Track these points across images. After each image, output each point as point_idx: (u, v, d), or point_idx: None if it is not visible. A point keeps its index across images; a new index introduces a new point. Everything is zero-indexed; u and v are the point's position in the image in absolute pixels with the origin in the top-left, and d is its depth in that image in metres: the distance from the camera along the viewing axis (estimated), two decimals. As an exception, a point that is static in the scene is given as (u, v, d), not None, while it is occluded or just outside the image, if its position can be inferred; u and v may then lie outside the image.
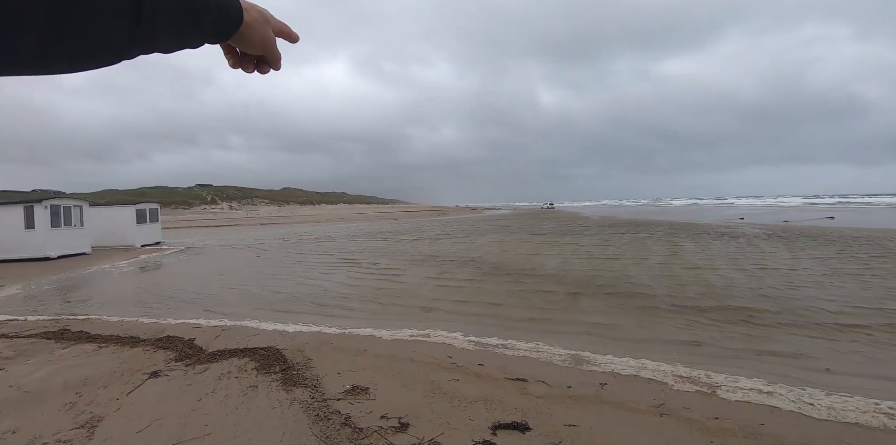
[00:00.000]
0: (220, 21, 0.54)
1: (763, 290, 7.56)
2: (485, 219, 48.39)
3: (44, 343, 5.49)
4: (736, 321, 5.84)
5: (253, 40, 0.60)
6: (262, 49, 0.63)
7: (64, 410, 3.51)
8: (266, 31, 0.61)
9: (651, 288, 8.02)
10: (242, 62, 0.65)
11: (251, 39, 0.60)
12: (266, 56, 0.65)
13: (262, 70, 0.67)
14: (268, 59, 0.65)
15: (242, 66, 0.65)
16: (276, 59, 0.66)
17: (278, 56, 0.65)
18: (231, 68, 0.66)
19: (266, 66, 0.66)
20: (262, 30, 0.60)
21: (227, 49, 0.63)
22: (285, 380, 3.82)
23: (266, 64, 0.66)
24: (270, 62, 0.66)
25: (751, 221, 29.64)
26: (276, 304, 7.62)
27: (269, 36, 0.62)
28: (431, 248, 16.63)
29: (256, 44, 0.61)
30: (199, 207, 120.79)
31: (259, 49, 0.62)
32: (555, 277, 9.46)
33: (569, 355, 4.54)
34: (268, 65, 0.66)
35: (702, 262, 10.89)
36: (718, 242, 15.39)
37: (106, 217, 20.82)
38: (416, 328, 5.62)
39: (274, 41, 0.63)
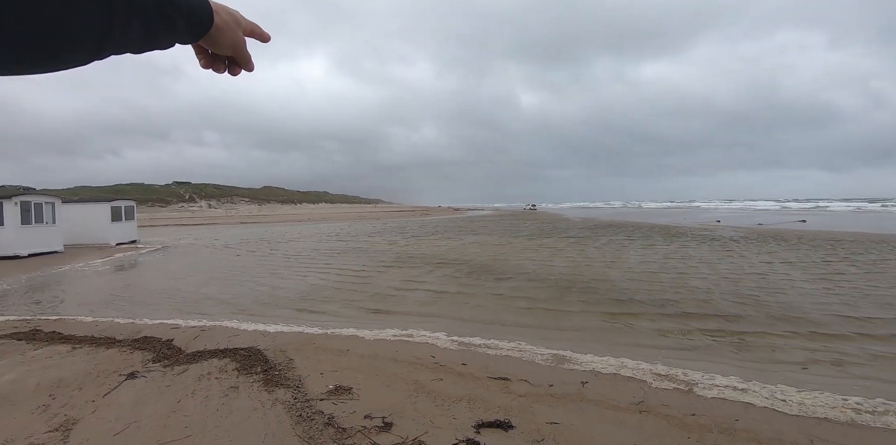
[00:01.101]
0: (190, 23, 0.55)
1: (740, 291, 7.76)
2: (468, 219, 48.52)
3: (14, 344, 5.32)
4: (714, 321, 5.99)
5: (223, 42, 0.61)
6: (232, 51, 0.63)
7: (37, 413, 3.41)
8: (236, 34, 0.62)
9: (632, 290, 8.16)
10: (214, 63, 0.65)
11: (221, 41, 0.61)
12: (236, 57, 0.65)
13: (233, 71, 0.68)
14: (238, 60, 0.66)
15: (213, 67, 0.66)
16: (247, 61, 0.66)
17: (248, 57, 0.66)
18: (202, 68, 0.66)
19: (237, 68, 0.67)
20: (231, 32, 0.61)
21: (198, 49, 0.64)
22: (267, 381, 3.78)
23: (237, 65, 0.67)
24: (241, 63, 0.67)
25: (727, 224, 30.37)
26: (256, 304, 7.53)
27: (239, 38, 0.63)
28: (414, 249, 16.62)
29: (226, 46, 0.62)
30: (177, 205, 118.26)
31: (229, 50, 0.63)
32: (538, 278, 9.55)
33: (551, 354, 4.59)
34: (239, 66, 0.67)
35: (681, 264, 11.13)
36: (696, 244, 15.75)
37: (79, 214, 20.23)
38: (398, 328, 5.62)
39: (244, 43, 0.64)
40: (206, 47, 0.62)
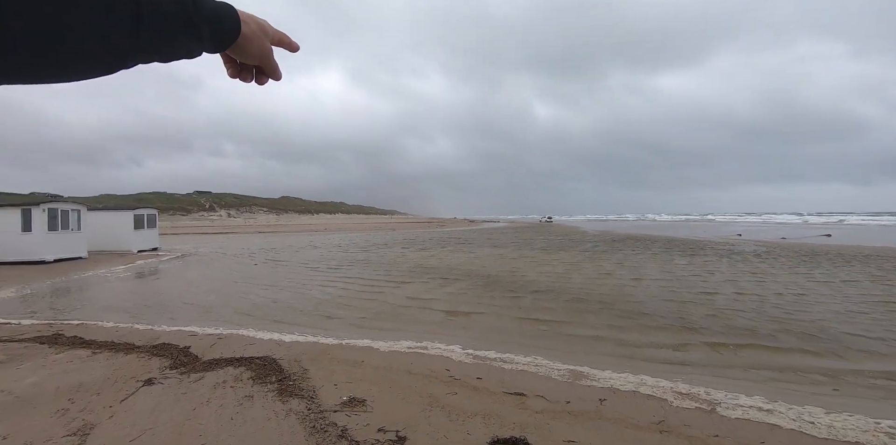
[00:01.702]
0: (218, 32, 0.55)
1: (766, 309, 7.55)
2: (483, 231, 48.39)
3: (37, 347, 5.43)
4: (738, 338, 5.82)
5: (250, 51, 0.61)
6: (259, 60, 0.63)
7: (56, 416, 3.45)
8: (263, 43, 0.62)
9: (652, 305, 8.00)
10: (241, 72, 0.65)
11: (249, 51, 0.61)
12: (263, 67, 0.65)
13: (260, 81, 0.68)
14: (265, 70, 0.66)
15: (241, 77, 0.66)
16: (274, 70, 0.66)
17: (276, 67, 0.66)
18: (230, 77, 0.66)
19: (264, 77, 0.67)
20: (259, 42, 0.61)
21: (226, 59, 0.64)
22: (281, 391, 3.78)
23: (264, 74, 0.67)
24: (268, 73, 0.67)
25: (749, 238, 29.73)
26: (272, 313, 7.57)
27: (266, 47, 0.63)
28: (430, 261, 16.61)
29: (254, 55, 0.62)
30: (198, 214, 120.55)
31: (256, 60, 0.63)
32: (554, 292, 9.44)
33: (567, 370, 4.51)
34: (266, 75, 0.67)
35: (703, 280, 10.90)
36: (717, 259, 15.42)
37: (103, 221, 20.75)
38: (413, 340, 5.58)
39: (271, 53, 0.64)
40: (233, 57, 0.62)
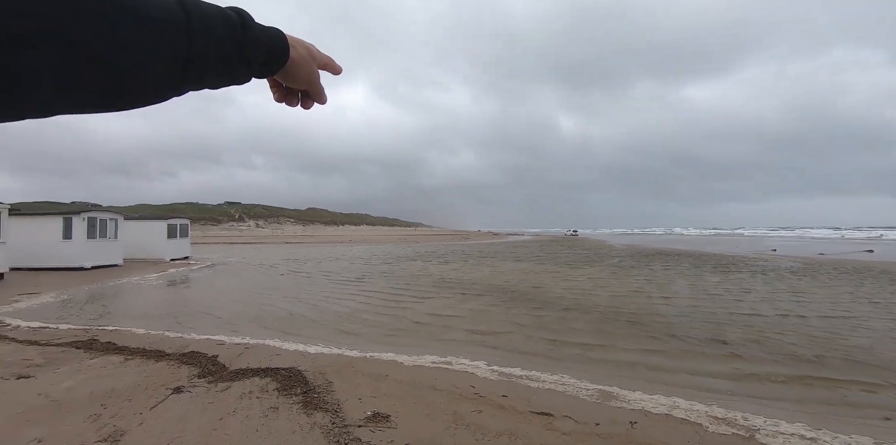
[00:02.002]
0: (267, 57, 0.55)
1: (808, 331, 7.21)
2: (508, 245, 48.09)
3: (73, 352, 5.60)
4: (778, 361, 5.56)
5: (298, 76, 0.61)
6: (306, 85, 0.63)
7: (89, 421, 3.53)
8: (311, 67, 0.62)
9: (684, 324, 7.75)
10: (287, 96, 0.65)
11: (297, 75, 0.60)
12: (310, 91, 0.65)
13: (305, 105, 0.67)
14: (311, 94, 0.66)
15: (287, 101, 0.65)
16: (320, 94, 0.66)
17: (321, 91, 0.66)
18: (276, 102, 0.66)
19: (310, 101, 0.67)
20: (307, 66, 0.61)
21: (272, 83, 0.64)
22: (306, 403, 3.77)
23: (310, 99, 0.66)
24: (314, 97, 0.66)
25: (784, 253, 28.66)
26: (297, 324, 7.64)
27: (313, 72, 0.62)
28: (454, 274, 16.56)
29: (301, 80, 0.62)
30: (228, 224, 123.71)
31: (304, 85, 0.63)
32: (581, 309, 9.25)
33: (596, 390, 4.37)
34: (311, 99, 0.67)
35: (738, 298, 10.51)
36: (751, 276, 14.87)
37: (138, 230, 21.49)
38: (437, 354, 5.53)
39: (318, 77, 0.64)
40: (280, 81, 0.62)
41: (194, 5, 0.45)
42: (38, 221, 16.97)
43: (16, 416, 3.62)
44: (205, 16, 0.45)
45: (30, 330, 6.97)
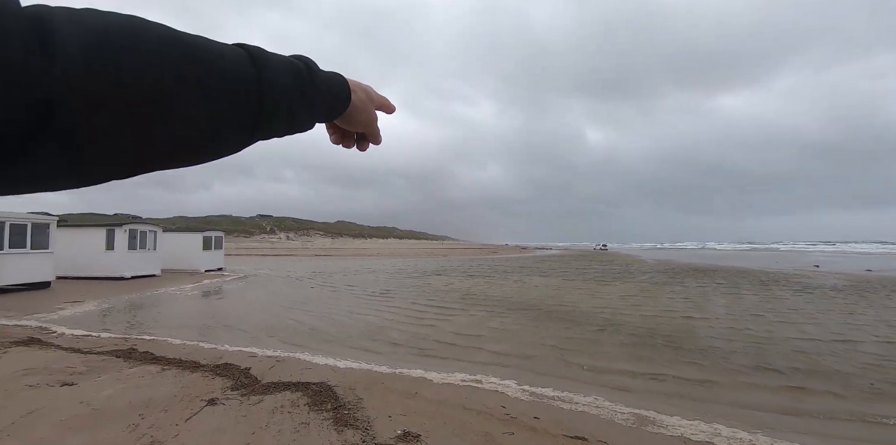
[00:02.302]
0: (330, 106, 0.56)
1: (860, 358, 6.79)
2: (536, 259, 47.55)
3: (113, 361, 5.78)
4: (828, 389, 5.26)
5: (358, 120, 0.61)
6: (364, 127, 0.64)
7: (127, 431, 3.61)
8: (370, 111, 0.62)
9: (722, 346, 7.43)
10: (344, 138, 0.66)
11: (356, 119, 0.61)
12: (367, 133, 0.65)
13: (361, 146, 0.67)
14: (368, 136, 0.66)
15: (344, 143, 0.66)
16: (377, 135, 0.66)
17: (378, 132, 0.66)
18: (332, 144, 0.66)
19: (366, 142, 0.67)
20: (366, 110, 0.61)
21: (329, 125, 0.64)
22: (337, 420, 3.77)
23: (366, 140, 0.67)
24: (371, 138, 0.66)
25: (827, 269, 27.31)
26: (326, 337, 7.70)
27: (372, 115, 0.63)
28: (482, 289, 16.44)
29: (360, 123, 0.62)
30: (260, 236, 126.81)
31: (362, 127, 0.64)
32: (614, 327, 9.01)
33: (632, 413, 4.22)
34: (368, 141, 0.67)
35: (779, 318, 10.05)
36: (793, 294, 14.20)
37: (176, 242, 22.23)
38: (467, 372, 5.46)
39: (376, 120, 0.64)
40: (338, 124, 0.63)
41: (264, 60, 0.45)
42: (83, 232, 17.78)
43: (60, 423, 3.74)
44: (275, 72, 0.46)
45: (73, 338, 7.25)
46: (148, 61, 0.35)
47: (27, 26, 0.29)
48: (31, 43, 0.29)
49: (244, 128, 0.45)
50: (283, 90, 0.47)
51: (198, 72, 0.38)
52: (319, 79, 0.52)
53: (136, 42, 0.34)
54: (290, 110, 0.49)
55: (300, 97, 0.49)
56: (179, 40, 0.38)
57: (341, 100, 0.57)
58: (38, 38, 0.30)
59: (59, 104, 0.30)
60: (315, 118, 0.55)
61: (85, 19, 0.33)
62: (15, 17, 0.29)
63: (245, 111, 0.43)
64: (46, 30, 0.30)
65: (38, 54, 0.29)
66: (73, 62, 0.30)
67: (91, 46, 0.32)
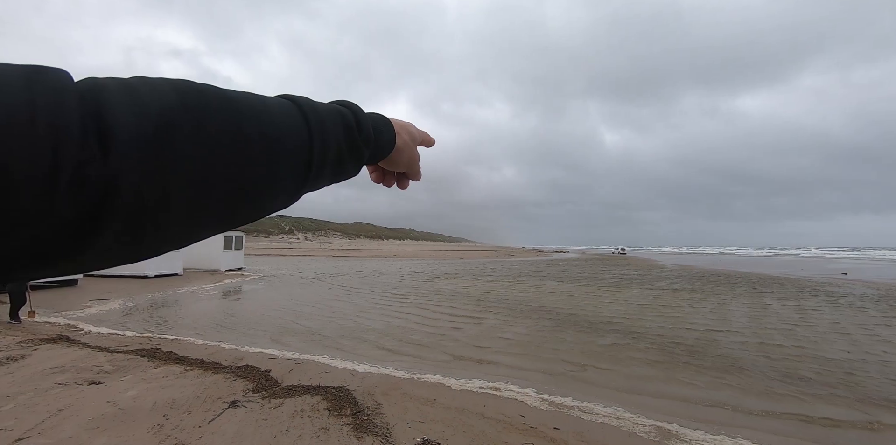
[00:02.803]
0: (377, 153, 0.55)
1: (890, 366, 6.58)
2: (553, 262, 47.16)
3: (138, 360, 5.90)
4: (856, 405, 5.09)
5: (400, 161, 0.61)
6: (406, 168, 0.63)
7: (152, 432, 3.68)
8: (412, 152, 0.62)
9: (747, 357, 7.25)
10: (385, 177, 0.65)
11: (399, 161, 0.61)
12: (408, 173, 0.65)
13: (402, 185, 0.67)
14: (409, 174, 0.66)
15: (385, 182, 0.66)
16: (417, 174, 0.66)
17: (419, 170, 0.65)
18: (374, 182, 0.66)
19: (406, 181, 0.67)
20: (409, 151, 0.61)
21: (372, 166, 0.64)
22: (356, 426, 3.78)
23: (406, 177, 0.66)
24: (412, 176, 0.66)
25: (856, 277, 26.45)
26: (344, 340, 7.74)
27: (415, 156, 0.63)
28: (500, 293, 16.37)
29: (402, 164, 0.62)
30: (278, 236, 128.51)
31: (405, 167, 0.63)
32: (634, 335, 8.87)
33: (653, 426, 4.15)
34: (408, 178, 0.66)
35: (807, 330, 9.77)
36: (821, 304, 13.79)
37: (198, 242, 22.63)
38: (485, 379, 5.43)
39: (417, 159, 0.64)
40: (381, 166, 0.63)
41: (312, 111, 0.45)
42: (111, 232, 18.25)
43: (87, 422, 3.83)
44: (323, 124, 0.46)
45: (100, 336, 7.44)
46: (199, 125, 0.34)
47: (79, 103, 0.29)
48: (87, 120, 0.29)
49: (296, 183, 0.44)
50: (330, 142, 0.46)
51: (248, 129, 0.38)
52: (366, 126, 0.51)
53: (187, 108, 0.34)
54: (338, 161, 0.48)
55: (348, 147, 0.49)
56: (227, 99, 0.38)
57: (387, 145, 0.56)
58: (93, 117, 0.29)
59: (116, 188, 0.30)
60: (361, 165, 0.54)
61: (136, 93, 0.32)
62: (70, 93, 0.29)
63: (295, 165, 0.43)
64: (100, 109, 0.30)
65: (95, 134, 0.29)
66: (128, 139, 0.30)
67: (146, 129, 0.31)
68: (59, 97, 0.28)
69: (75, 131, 0.28)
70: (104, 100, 0.30)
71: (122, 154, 0.30)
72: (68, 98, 0.29)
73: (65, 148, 0.27)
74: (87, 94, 0.30)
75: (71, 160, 0.28)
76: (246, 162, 0.38)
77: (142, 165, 0.31)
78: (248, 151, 0.38)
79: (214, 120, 0.36)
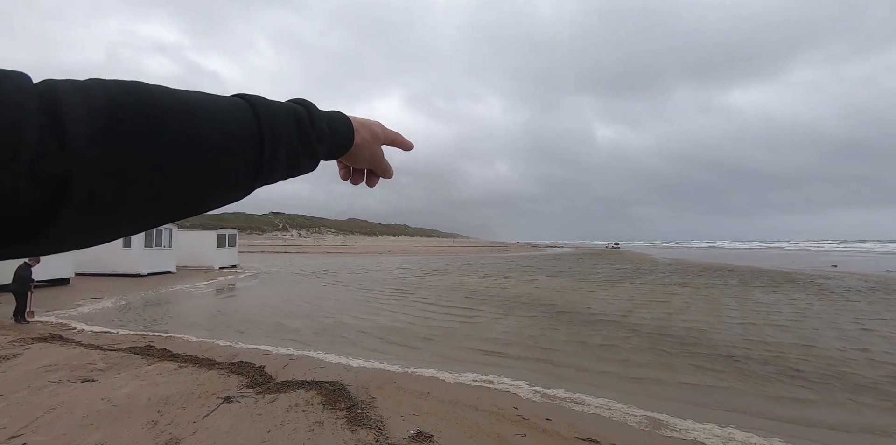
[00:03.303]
0: (333, 149, 0.57)
1: (882, 360, 6.69)
2: (547, 257, 47.36)
3: (132, 358, 5.90)
4: (846, 395, 5.19)
5: (360, 158, 0.62)
6: (368, 164, 0.65)
7: (146, 428, 3.70)
8: (373, 149, 0.63)
9: (738, 347, 7.36)
10: (354, 174, 0.67)
11: (358, 157, 0.62)
12: (374, 169, 0.66)
13: (370, 182, 0.68)
14: (376, 171, 0.67)
15: (353, 179, 0.67)
16: (384, 170, 0.67)
17: (386, 167, 0.67)
18: (341, 179, 0.67)
19: (374, 178, 0.68)
20: (369, 148, 0.62)
21: (337, 161, 0.65)
22: (350, 419, 3.82)
23: (375, 175, 0.68)
24: (379, 173, 0.67)
25: (846, 270, 26.80)
26: (338, 336, 7.77)
27: (375, 153, 0.63)
28: (494, 288, 16.44)
29: (363, 161, 0.63)
30: (272, 233, 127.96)
31: (366, 165, 0.65)
32: (625, 328, 8.96)
33: (644, 416, 4.21)
34: (376, 176, 0.68)
35: (795, 321, 9.91)
36: (810, 296, 13.98)
37: (191, 239, 22.54)
38: (479, 373, 5.48)
39: (381, 156, 0.65)
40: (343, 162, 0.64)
41: (264, 109, 0.47)
42: (102, 230, 18.08)
43: (81, 420, 3.84)
44: (275, 121, 0.47)
45: (93, 334, 7.42)
46: (152, 128, 0.37)
47: (39, 104, 0.32)
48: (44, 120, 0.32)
49: (247, 177, 0.46)
50: (283, 139, 0.48)
51: (201, 129, 0.40)
52: (320, 123, 0.53)
53: (139, 111, 0.37)
54: (291, 157, 0.50)
55: (301, 144, 0.50)
56: (179, 100, 0.40)
57: (344, 142, 0.58)
58: (50, 117, 0.32)
59: (74, 177, 0.33)
60: (317, 162, 0.55)
61: (90, 93, 0.35)
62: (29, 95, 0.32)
63: (247, 162, 0.45)
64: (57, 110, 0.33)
65: (52, 133, 0.32)
66: (83, 137, 0.33)
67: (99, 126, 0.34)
68: (19, 97, 0.31)
69: (34, 128, 0.31)
70: (60, 101, 0.33)
71: (76, 149, 0.33)
72: (27, 99, 0.32)
73: (24, 143, 0.30)
74: (45, 95, 0.33)
75: (29, 154, 0.31)
76: (197, 159, 0.40)
77: (94, 160, 0.34)
78: (199, 149, 0.40)
79: (165, 118, 0.38)
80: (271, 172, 0.49)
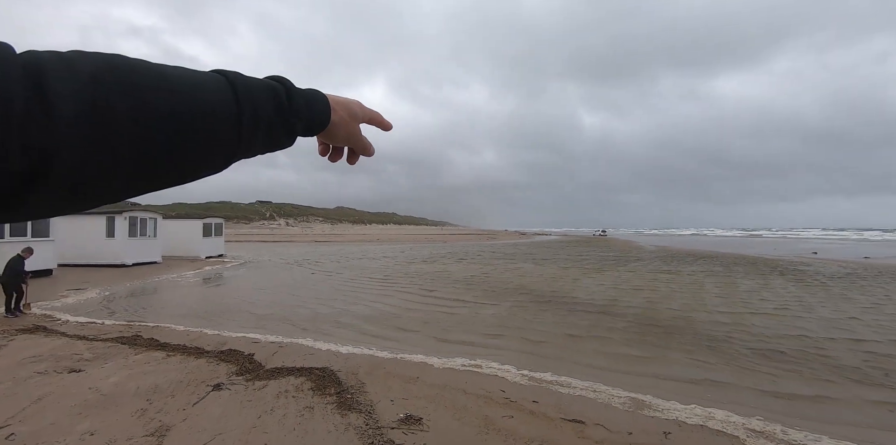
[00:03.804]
0: (309, 124, 0.58)
1: (863, 346, 6.92)
2: (535, 244, 47.72)
3: (119, 347, 5.87)
4: (825, 375, 5.37)
5: (338, 136, 0.63)
6: (346, 142, 0.66)
7: (136, 416, 3.70)
8: (351, 127, 0.64)
9: (721, 332, 7.54)
10: (334, 152, 0.68)
11: (336, 135, 0.63)
12: (353, 147, 0.68)
13: (350, 160, 0.70)
14: (356, 149, 0.68)
15: (331, 156, 0.68)
16: (364, 148, 0.68)
17: (365, 145, 0.68)
18: (320, 155, 0.68)
19: (354, 156, 0.69)
20: (346, 126, 0.63)
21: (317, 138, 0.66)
22: (340, 404, 3.86)
23: (356, 154, 0.69)
24: (359, 151, 0.68)
25: (826, 256, 27.47)
26: (327, 323, 7.79)
27: (354, 131, 0.64)
28: (484, 276, 16.55)
29: (341, 139, 0.64)
30: (259, 222, 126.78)
31: (344, 142, 0.66)
32: (612, 314, 9.12)
33: (628, 398, 4.32)
34: (356, 154, 0.69)
35: (776, 306, 10.16)
36: (791, 282, 14.34)
37: (176, 229, 22.27)
38: (467, 357, 5.56)
39: (359, 134, 0.66)
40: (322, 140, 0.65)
41: (242, 85, 0.48)
42: (83, 220, 17.77)
43: (69, 409, 3.83)
44: (252, 96, 0.48)
45: (78, 325, 7.34)
46: (135, 104, 0.38)
47: (23, 74, 0.33)
48: (29, 92, 0.33)
49: (225, 151, 0.48)
50: (260, 114, 0.49)
51: (181, 105, 0.41)
52: (297, 100, 0.54)
53: (122, 85, 0.38)
54: (269, 132, 0.51)
55: (278, 119, 0.52)
56: (161, 75, 0.41)
57: (321, 119, 0.59)
58: (35, 88, 0.33)
59: (56, 149, 0.34)
60: (294, 137, 0.57)
61: (74, 66, 0.36)
62: (13, 65, 0.33)
63: (225, 136, 0.46)
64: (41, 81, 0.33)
65: (37, 104, 0.33)
66: (67, 110, 0.34)
67: (84, 98, 0.35)
68: (3, 67, 0.32)
69: (20, 99, 0.32)
70: (44, 72, 0.34)
71: (62, 121, 0.34)
72: (12, 69, 0.32)
73: (10, 114, 0.31)
74: (29, 66, 0.34)
75: (16, 125, 0.31)
76: (177, 133, 0.41)
77: (79, 132, 0.35)
78: (179, 123, 0.41)
79: (147, 93, 0.39)
80: (249, 147, 0.50)
